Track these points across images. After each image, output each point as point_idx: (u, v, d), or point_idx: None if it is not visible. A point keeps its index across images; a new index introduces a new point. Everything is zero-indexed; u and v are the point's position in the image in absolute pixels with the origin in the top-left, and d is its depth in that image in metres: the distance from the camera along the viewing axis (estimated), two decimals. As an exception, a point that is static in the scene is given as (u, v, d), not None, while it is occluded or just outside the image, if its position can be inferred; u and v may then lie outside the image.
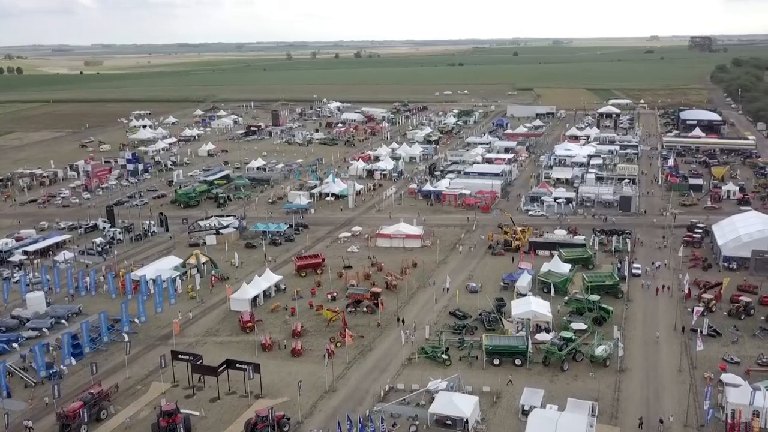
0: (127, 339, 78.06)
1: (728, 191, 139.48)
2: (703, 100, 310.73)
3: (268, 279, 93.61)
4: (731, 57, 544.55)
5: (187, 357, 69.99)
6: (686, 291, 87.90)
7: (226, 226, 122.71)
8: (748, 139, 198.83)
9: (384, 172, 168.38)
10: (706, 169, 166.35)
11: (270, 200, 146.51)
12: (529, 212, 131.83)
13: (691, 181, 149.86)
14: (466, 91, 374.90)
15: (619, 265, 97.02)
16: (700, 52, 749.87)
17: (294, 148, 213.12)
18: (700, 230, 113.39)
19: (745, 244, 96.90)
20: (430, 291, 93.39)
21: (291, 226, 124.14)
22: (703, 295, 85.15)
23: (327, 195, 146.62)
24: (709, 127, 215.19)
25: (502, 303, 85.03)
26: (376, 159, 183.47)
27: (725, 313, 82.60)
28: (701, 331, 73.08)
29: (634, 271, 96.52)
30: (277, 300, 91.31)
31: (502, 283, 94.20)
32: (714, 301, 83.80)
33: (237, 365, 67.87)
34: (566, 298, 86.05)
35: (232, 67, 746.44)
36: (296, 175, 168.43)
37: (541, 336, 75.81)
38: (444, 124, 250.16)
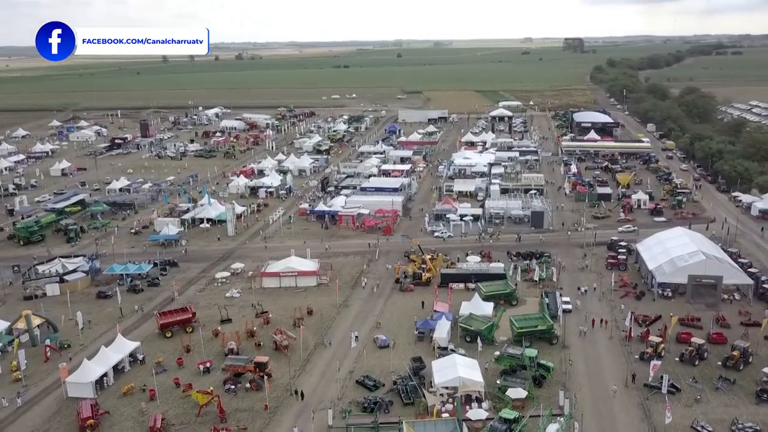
0: None
1: (639, 200, 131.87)
2: (589, 101, 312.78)
3: (120, 348, 72.37)
4: (601, 57, 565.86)
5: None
6: (628, 333, 75.84)
7: (74, 270, 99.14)
8: (643, 141, 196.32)
9: (270, 190, 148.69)
10: (609, 175, 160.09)
11: (132, 230, 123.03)
12: (435, 233, 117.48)
13: (600, 190, 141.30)
14: (354, 95, 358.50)
15: (547, 301, 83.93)
16: (573, 53, 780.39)
17: (165, 163, 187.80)
18: (623, 249, 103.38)
19: (681, 269, 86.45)
20: (331, 350, 75.87)
21: (156, 264, 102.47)
22: (650, 338, 73.38)
23: (201, 221, 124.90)
24: (603, 130, 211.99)
25: (421, 365, 68.86)
26: (261, 173, 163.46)
27: (677, 358, 70.94)
28: (663, 390, 60.48)
29: (564, 306, 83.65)
30: (132, 377, 70.36)
31: (416, 332, 78.22)
32: (662, 344, 72.11)
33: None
34: (497, 353, 70.89)
35: (103, 71, 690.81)
36: (165, 198, 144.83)
37: (475, 413, 60.26)
38: (334, 131, 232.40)
